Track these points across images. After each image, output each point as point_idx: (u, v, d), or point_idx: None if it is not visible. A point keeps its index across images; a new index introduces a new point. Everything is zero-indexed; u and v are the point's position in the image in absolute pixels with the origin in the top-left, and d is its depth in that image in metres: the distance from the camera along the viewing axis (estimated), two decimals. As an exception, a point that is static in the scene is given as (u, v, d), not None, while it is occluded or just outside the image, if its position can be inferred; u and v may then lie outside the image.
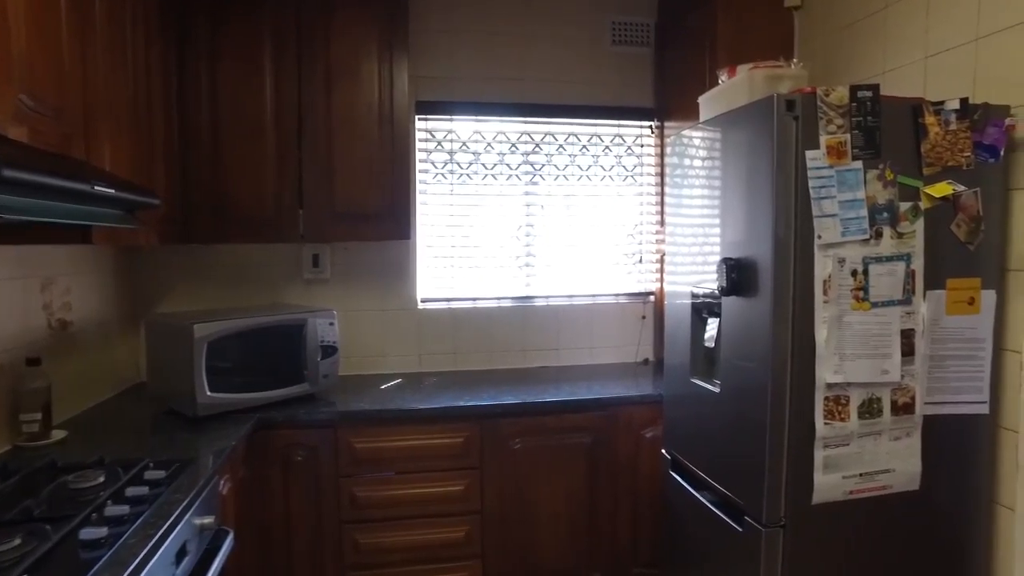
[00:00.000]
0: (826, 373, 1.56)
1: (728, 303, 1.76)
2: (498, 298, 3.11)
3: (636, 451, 2.58)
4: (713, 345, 1.86)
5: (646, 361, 3.15)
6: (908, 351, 1.61)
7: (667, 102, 3.03)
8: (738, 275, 1.67)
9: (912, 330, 1.61)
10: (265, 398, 2.40)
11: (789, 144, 1.54)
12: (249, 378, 2.38)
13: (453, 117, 3.03)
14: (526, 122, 3.09)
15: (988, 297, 1.68)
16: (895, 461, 1.64)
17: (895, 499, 1.66)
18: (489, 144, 3.06)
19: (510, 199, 3.11)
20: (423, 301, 3.05)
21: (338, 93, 2.59)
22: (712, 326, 1.88)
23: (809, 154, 1.54)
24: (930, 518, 1.71)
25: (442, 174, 3.04)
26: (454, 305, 3.08)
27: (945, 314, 1.64)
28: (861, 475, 1.62)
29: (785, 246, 1.55)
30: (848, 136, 1.56)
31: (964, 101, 1.63)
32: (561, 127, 3.13)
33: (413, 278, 3.03)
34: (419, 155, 3.01)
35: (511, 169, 3.09)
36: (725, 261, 1.70)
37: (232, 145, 2.52)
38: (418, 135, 3.00)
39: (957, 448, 1.71)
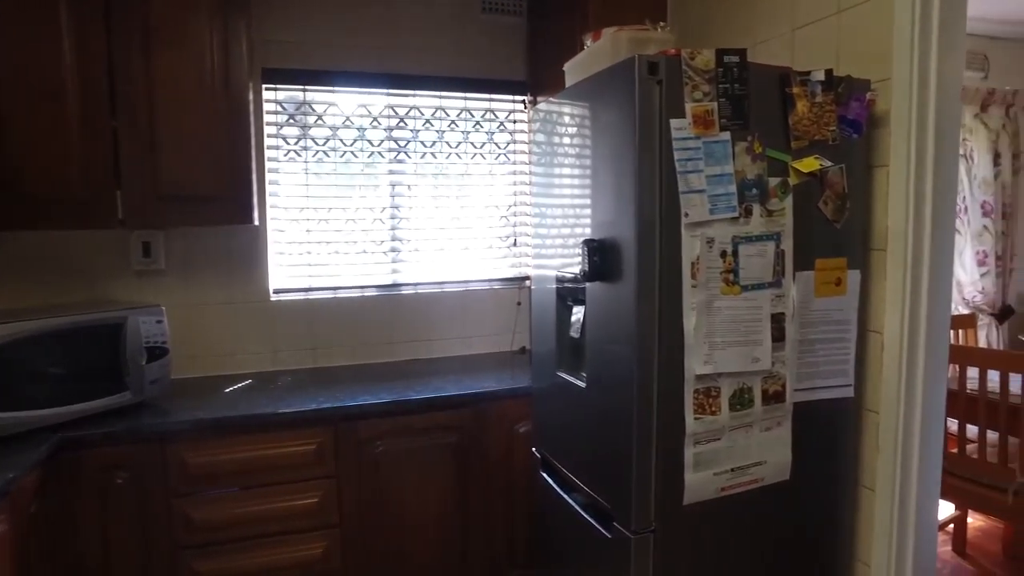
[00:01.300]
0: (696, 364, 1.44)
1: (592, 289, 1.60)
2: (362, 287, 2.84)
3: (509, 448, 2.42)
4: (578, 336, 1.71)
5: (522, 350, 2.99)
6: (779, 336, 1.52)
7: (541, 75, 2.85)
8: (601, 258, 1.52)
9: (782, 314, 1.52)
10: (73, 412, 2.02)
11: (653, 111, 1.39)
12: (54, 390, 2.00)
13: (307, 87, 2.71)
14: (390, 94, 2.82)
15: (854, 277, 1.62)
16: (766, 453, 1.56)
17: (767, 492, 1.57)
18: (348, 118, 2.77)
19: (374, 179, 2.84)
20: (276, 292, 2.73)
21: (160, 56, 2.21)
22: (577, 315, 1.72)
23: (674, 123, 1.39)
24: (801, 507, 1.64)
25: (295, 151, 2.72)
26: (312, 296, 2.78)
27: (814, 296, 1.57)
28: (733, 470, 1.52)
29: (650, 225, 1.40)
30: (715, 105, 1.43)
31: (829, 72, 1.55)
32: (428, 100, 2.88)
33: (264, 267, 2.70)
34: (267, 130, 2.67)
35: (373, 146, 2.82)
36: (587, 243, 1.54)
37: (17, 109, 2.08)
38: (266, 107, 2.66)
39: (825, 434, 1.65)
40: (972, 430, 2.64)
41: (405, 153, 2.86)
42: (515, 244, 3.05)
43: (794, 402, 1.57)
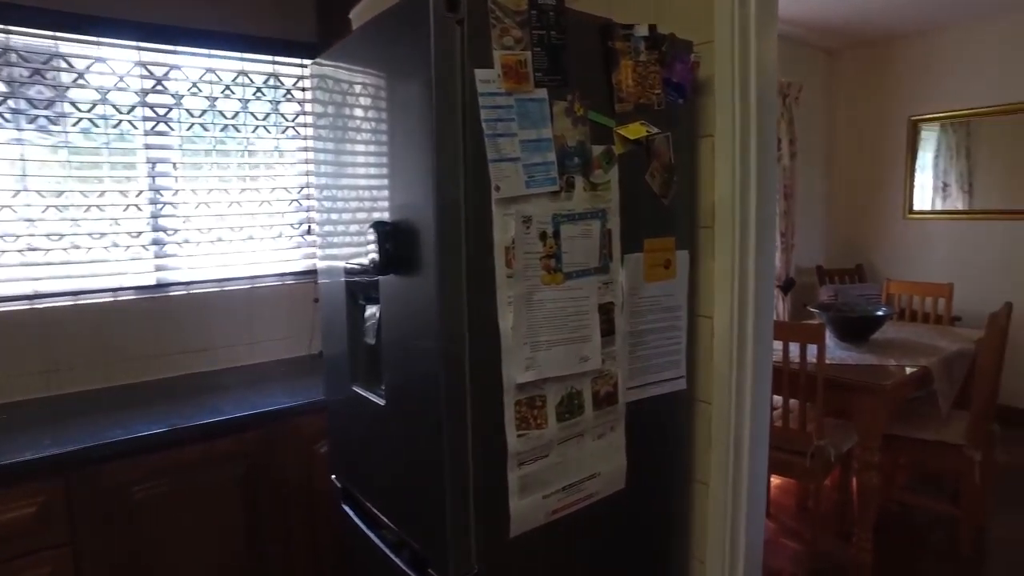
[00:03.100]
0: (516, 370, 1.18)
1: (387, 284, 1.29)
2: (114, 290, 2.27)
3: (310, 472, 2.04)
4: (374, 341, 1.39)
5: (322, 353, 2.59)
6: (608, 330, 1.32)
7: (334, 36, 2.45)
8: (395, 245, 1.21)
9: (611, 304, 1.32)
10: None
11: (453, 59, 1.10)
12: None
13: (12, 29, 2.07)
14: (141, 48, 2.26)
15: (682, 258, 1.47)
16: (601, 463, 1.36)
17: (603, 505, 1.38)
18: (82, 74, 2.17)
19: (125, 155, 2.27)
20: (-15, 302, 2.08)
21: None
22: (371, 316, 1.40)
23: (480, 74, 1.12)
24: (639, 515, 1.47)
25: (3, 116, 2.07)
26: (42, 304, 2.15)
27: (643, 281, 1.39)
28: (565, 488, 1.30)
29: (453, 202, 1.11)
30: (529, 55, 1.17)
31: (653, 29, 1.37)
32: (195, 60, 2.36)
33: (-36, 269, 2.04)
34: (-43, 84, 2.00)
35: (121, 113, 2.25)
36: (378, 227, 1.22)
37: None
38: (-47, 54, 1.99)
39: (659, 432, 1.50)
40: (777, 400, 2.74)
41: (167, 124, 2.32)
42: (309, 232, 2.63)
43: (627, 402, 1.39)
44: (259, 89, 2.50)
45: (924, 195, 4.57)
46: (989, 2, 3.80)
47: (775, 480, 3.33)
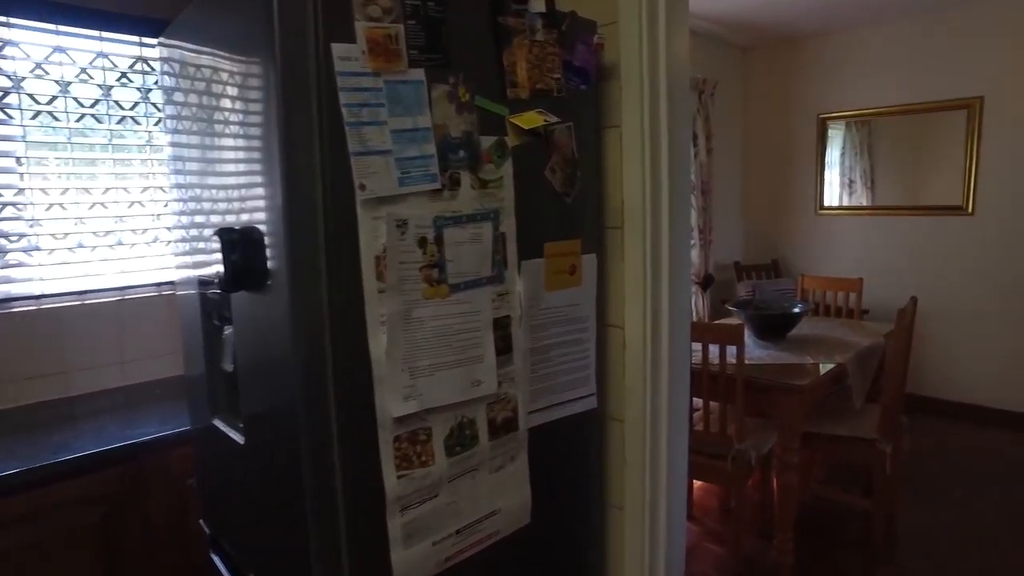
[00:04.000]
0: (393, 402, 1.00)
1: (239, 302, 1.08)
2: (-56, 306, 1.93)
3: (183, 510, 1.79)
4: (232, 368, 1.17)
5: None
6: (504, 347, 1.16)
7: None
8: (244, 256, 1.00)
9: (507, 318, 1.16)
10: None
11: (303, 31, 0.91)
12: None
13: None
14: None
15: (589, 263, 1.32)
16: (501, 498, 1.19)
17: (506, 545, 1.22)
18: None
19: (-50, 146, 1.93)
20: None
21: None
22: (228, 338, 1.18)
23: (338, 49, 0.93)
24: (548, 551, 1.32)
25: None
26: None
27: (544, 290, 1.23)
28: (459, 532, 1.13)
29: (306, 204, 0.92)
30: (401, 28, 0.99)
31: (550, 5, 1.21)
32: (38, 36, 2.04)
33: None
34: None
35: (-56, 97, 1.91)
36: (223, 235, 1.01)
37: None
38: None
39: (568, 457, 1.35)
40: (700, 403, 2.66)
41: (4, 111, 2.00)
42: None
43: (529, 427, 1.23)
44: (124, 74, 2.20)
45: (833, 191, 4.66)
46: (890, 6, 3.89)
47: (697, 482, 3.28)
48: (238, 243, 0.99)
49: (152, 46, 2.25)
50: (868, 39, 4.33)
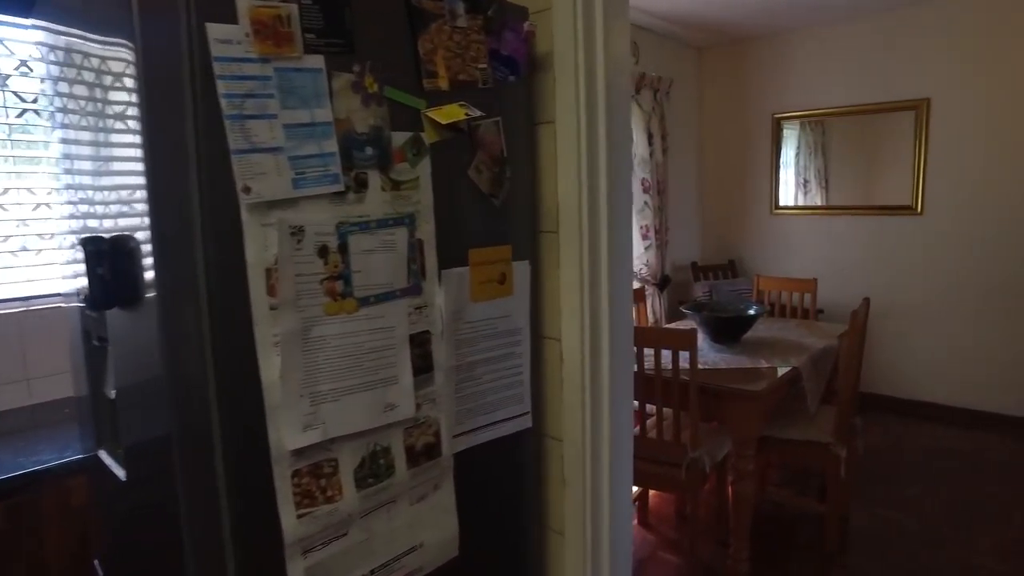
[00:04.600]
0: (289, 433, 0.88)
1: (117, 320, 0.95)
2: None
3: (80, 549, 1.62)
4: (113, 395, 1.04)
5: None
6: (424, 366, 1.05)
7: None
8: (113, 270, 0.87)
9: (427, 333, 1.05)
10: None
11: (173, 8, 0.78)
12: None
13: None
14: None
15: (522, 271, 1.22)
16: (423, 531, 1.08)
17: (429, 581, 1.11)
18: None
19: None
20: None
21: None
22: (109, 361, 1.05)
23: (215, 31, 0.80)
24: (477, 584, 1.22)
25: None
26: None
27: (470, 301, 1.12)
28: (374, 572, 1.02)
29: (179, 209, 0.79)
30: (295, 8, 0.87)
31: (474, -12, 1.11)
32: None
33: None
34: None
35: None
36: (87, 244, 0.88)
37: None
38: None
39: (501, 481, 1.24)
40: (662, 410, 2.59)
41: None
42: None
43: (455, 452, 1.12)
44: (24, 63, 2.01)
45: (788, 191, 4.66)
46: (842, 7, 3.89)
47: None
48: (106, 254, 0.86)
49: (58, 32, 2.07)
50: (821, 39, 4.33)
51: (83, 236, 0.90)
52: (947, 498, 3.05)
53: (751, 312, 2.96)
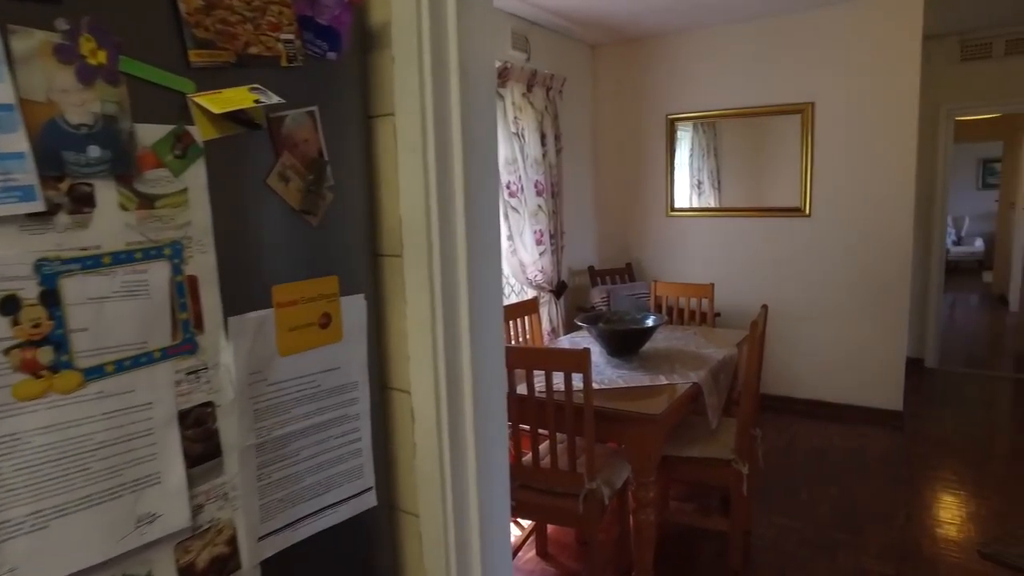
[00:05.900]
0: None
1: None
2: None
3: None
4: None
5: None
6: (207, 452, 0.75)
7: None
8: None
9: (208, 405, 0.75)
10: None
11: None
12: None
13: None
14: None
15: (355, 308, 0.94)
16: (212, 677, 0.78)
17: None
18: None
19: None
20: None
21: None
22: None
23: None
24: None
25: None
26: None
27: (280, 355, 0.83)
28: None
29: None
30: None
31: (276, -66, 0.81)
32: None
33: None
34: None
35: None
36: None
37: None
38: None
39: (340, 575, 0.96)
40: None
41: None
42: None
43: (263, 560, 0.82)
44: None
45: (683, 193, 4.62)
46: (732, 9, 3.86)
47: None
48: None
49: None
50: (712, 41, 4.30)
51: None
52: (834, 500, 3.07)
53: (649, 323, 2.81)
